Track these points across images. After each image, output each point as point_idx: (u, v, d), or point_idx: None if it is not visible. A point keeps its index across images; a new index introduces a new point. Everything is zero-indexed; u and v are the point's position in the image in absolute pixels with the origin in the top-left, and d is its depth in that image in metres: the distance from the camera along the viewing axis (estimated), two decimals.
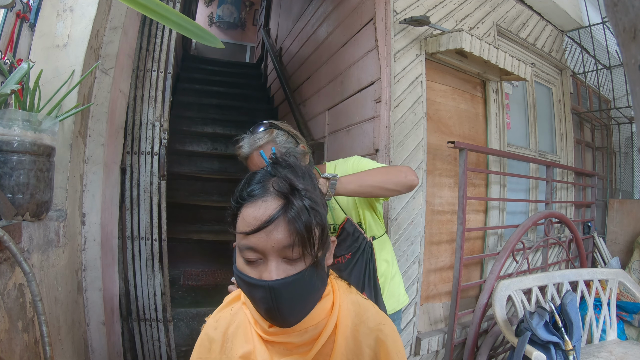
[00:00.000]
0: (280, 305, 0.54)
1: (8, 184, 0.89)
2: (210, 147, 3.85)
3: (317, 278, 0.58)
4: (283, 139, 1.16)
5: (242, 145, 1.16)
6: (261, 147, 1.13)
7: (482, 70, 2.18)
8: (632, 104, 0.26)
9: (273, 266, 0.54)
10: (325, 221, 0.59)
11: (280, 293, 0.54)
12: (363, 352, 0.62)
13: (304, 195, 0.55)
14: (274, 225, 0.53)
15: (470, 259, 2.10)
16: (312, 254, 0.55)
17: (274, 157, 0.63)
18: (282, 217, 0.53)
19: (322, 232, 0.57)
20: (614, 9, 0.24)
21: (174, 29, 0.95)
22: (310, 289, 0.58)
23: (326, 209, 0.65)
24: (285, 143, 1.16)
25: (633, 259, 2.87)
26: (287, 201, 0.54)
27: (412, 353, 1.85)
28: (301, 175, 0.60)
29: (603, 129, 3.66)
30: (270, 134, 1.15)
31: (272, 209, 0.54)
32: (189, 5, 4.97)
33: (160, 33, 1.63)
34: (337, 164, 1.29)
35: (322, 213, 0.58)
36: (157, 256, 1.57)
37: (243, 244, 0.56)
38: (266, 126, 1.18)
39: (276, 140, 1.15)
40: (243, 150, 1.15)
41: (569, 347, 1.54)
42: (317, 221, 0.55)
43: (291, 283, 0.54)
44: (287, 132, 1.19)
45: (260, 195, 0.56)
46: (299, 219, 0.53)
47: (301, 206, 0.54)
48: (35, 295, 0.83)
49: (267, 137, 1.14)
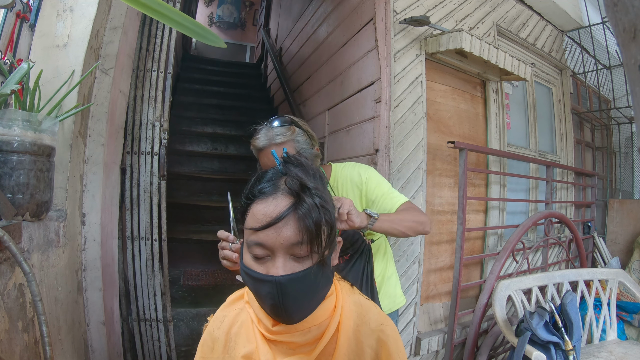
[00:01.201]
0: (285, 301, 0.55)
1: (8, 184, 0.89)
2: (210, 147, 3.85)
3: (323, 276, 0.59)
4: (302, 139, 1.11)
5: (259, 137, 1.10)
6: (280, 144, 1.07)
7: (482, 70, 2.18)
8: (632, 104, 0.26)
9: (280, 262, 0.55)
10: (334, 220, 0.59)
11: (287, 289, 0.54)
12: (364, 353, 0.62)
13: (315, 193, 0.56)
14: (284, 222, 0.54)
15: (470, 259, 2.10)
16: (320, 252, 0.56)
17: (286, 156, 0.63)
18: (292, 214, 0.54)
19: (330, 230, 0.58)
20: (614, 9, 0.24)
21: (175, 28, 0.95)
22: (316, 286, 0.58)
23: (334, 209, 0.65)
24: (304, 144, 1.11)
25: (633, 259, 2.87)
26: (298, 199, 0.55)
27: (412, 353, 1.85)
28: (312, 175, 0.60)
29: (603, 129, 3.65)
30: (292, 132, 1.09)
31: (282, 206, 0.55)
32: (189, 5, 4.97)
33: (160, 33, 1.63)
34: (345, 167, 1.26)
35: (332, 212, 0.58)
36: (157, 256, 1.57)
37: (252, 239, 0.56)
38: (287, 122, 1.12)
39: (296, 139, 1.10)
40: (259, 143, 1.09)
41: (569, 347, 1.54)
42: (326, 219, 0.56)
43: (298, 279, 0.55)
44: (306, 131, 1.14)
45: (271, 193, 0.56)
46: (309, 216, 0.54)
47: (312, 204, 0.54)
48: (35, 295, 0.83)
49: (288, 135, 1.09)
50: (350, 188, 1.22)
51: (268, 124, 1.12)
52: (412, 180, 1.82)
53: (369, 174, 1.21)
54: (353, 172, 1.23)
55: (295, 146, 1.09)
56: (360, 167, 1.24)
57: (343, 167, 1.27)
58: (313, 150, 1.15)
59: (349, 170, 1.24)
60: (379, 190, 1.18)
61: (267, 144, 1.08)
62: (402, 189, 1.78)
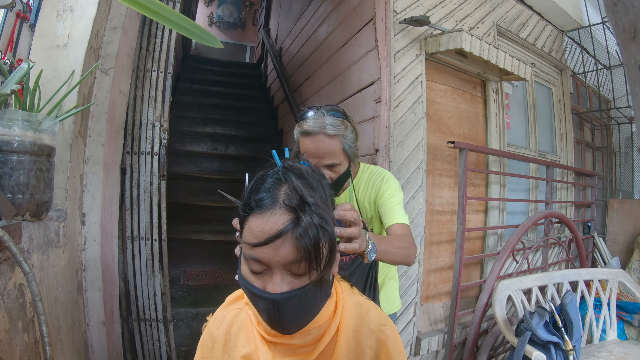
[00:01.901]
0: (282, 317, 0.54)
1: (8, 184, 0.89)
2: (210, 147, 3.85)
3: (322, 292, 0.58)
4: (351, 137, 1.04)
5: (309, 121, 1.01)
6: (331, 137, 1.00)
7: (482, 70, 2.18)
8: (632, 104, 0.26)
9: (278, 279, 0.53)
10: (334, 238, 0.57)
11: (283, 306, 0.53)
12: (364, 353, 0.62)
13: (314, 211, 0.53)
14: (282, 240, 0.52)
15: (470, 259, 2.10)
16: (318, 271, 0.54)
17: (288, 163, 0.59)
18: (290, 232, 0.52)
19: (329, 249, 0.56)
20: (614, 9, 0.24)
21: (173, 29, 0.95)
22: (313, 302, 0.57)
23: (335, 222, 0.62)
24: (351, 142, 1.05)
25: (633, 259, 2.87)
26: (296, 216, 0.53)
27: (412, 353, 1.85)
28: (314, 187, 0.57)
29: (603, 129, 3.66)
30: (345, 128, 1.03)
31: (280, 223, 0.52)
32: (189, 5, 4.97)
33: (160, 33, 1.63)
34: (373, 169, 1.22)
35: (331, 230, 0.56)
36: (157, 256, 1.57)
37: (249, 254, 0.54)
38: (342, 115, 1.04)
39: (346, 135, 1.03)
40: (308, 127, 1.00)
41: (569, 347, 1.54)
42: (325, 239, 0.54)
43: (294, 297, 0.53)
44: (354, 129, 1.07)
45: (269, 207, 0.54)
46: (307, 235, 0.52)
47: (310, 222, 0.52)
48: (35, 295, 0.83)
49: (342, 130, 1.02)
50: (369, 191, 1.21)
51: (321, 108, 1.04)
52: (412, 180, 1.82)
53: (390, 183, 1.18)
54: (379, 174, 1.20)
55: (343, 142, 1.03)
56: (387, 174, 1.21)
57: (369, 168, 1.24)
58: (354, 149, 1.09)
59: (376, 172, 1.21)
60: (388, 202, 1.15)
61: (317, 130, 1.00)
62: (402, 189, 1.77)
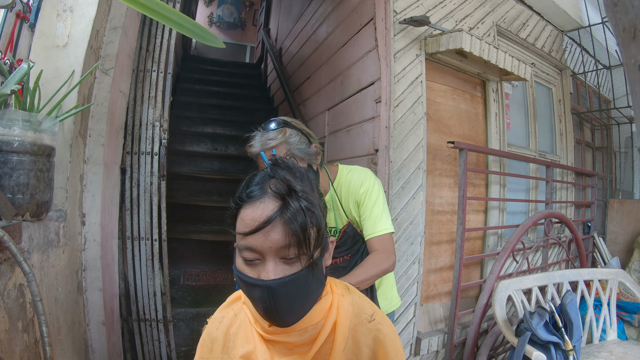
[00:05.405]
0: (277, 304, 0.56)
1: (8, 184, 0.89)
2: (210, 147, 3.85)
3: (314, 278, 0.59)
4: (296, 139, 1.10)
5: (253, 144, 1.10)
6: (274, 147, 1.07)
7: (482, 70, 2.18)
8: (632, 104, 0.26)
9: (271, 266, 0.55)
10: (322, 222, 0.60)
11: (278, 292, 0.55)
12: (362, 352, 0.62)
13: (301, 196, 0.56)
14: (271, 226, 0.54)
15: (470, 259, 2.10)
16: (308, 254, 0.56)
17: (274, 158, 0.64)
18: (279, 218, 0.55)
19: (317, 232, 0.58)
20: (614, 9, 0.24)
21: (174, 29, 0.94)
22: (307, 288, 0.59)
23: (325, 211, 0.65)
24: (299, 143, 1.10)
25: (633, 259, 2.87)
26: (284, 202, 0.55)
27: (412, 353, 1.85)
28: (299, 177, 0.61)
29: (603, 129, 3.65)
30: (283, 134, 1.09)
31: (269, 210, 0.55)
32: (189, 5, 4.97)
33: (160, 33, 1.63)
34: (351, 172, 1.22)
35: (318, 214, 0.59)
36: (157, 256, 1.57)
37: (242, 244, 0.57)
38: (279, 124, 1.11)
39: (289, 140, 1.09)
40: (254, 149, 1.10)
41: (569, 347, 1.54)
42: (312, 222, 0.56)
43: (288, 282, 0.55)
44: (300, 130, 1.13)
45: (259, 197, 0.57)
46: (295, 220, 0.54)
47: (297, 207, 0.55)
48: (35, 296, 0.83)
49: (280, 138, 1.08)
50: (349, 195, 1.20)
51: (261, 129, 1.13)
52: (412, 180, 1.82)
53: (371, 188, 1.18)
54: (357, 179, 1.20)
55: (289, 147, 1.08)
56: (367, 177, 1.20)
57: (350, 171, 1.23)
58: (310, 148, 1.13)
59: (354, 176, 1.21)
60: (369, 211, 1.16)
61: (260, 149, 1.08)
62: (402, 189, 1.78)
